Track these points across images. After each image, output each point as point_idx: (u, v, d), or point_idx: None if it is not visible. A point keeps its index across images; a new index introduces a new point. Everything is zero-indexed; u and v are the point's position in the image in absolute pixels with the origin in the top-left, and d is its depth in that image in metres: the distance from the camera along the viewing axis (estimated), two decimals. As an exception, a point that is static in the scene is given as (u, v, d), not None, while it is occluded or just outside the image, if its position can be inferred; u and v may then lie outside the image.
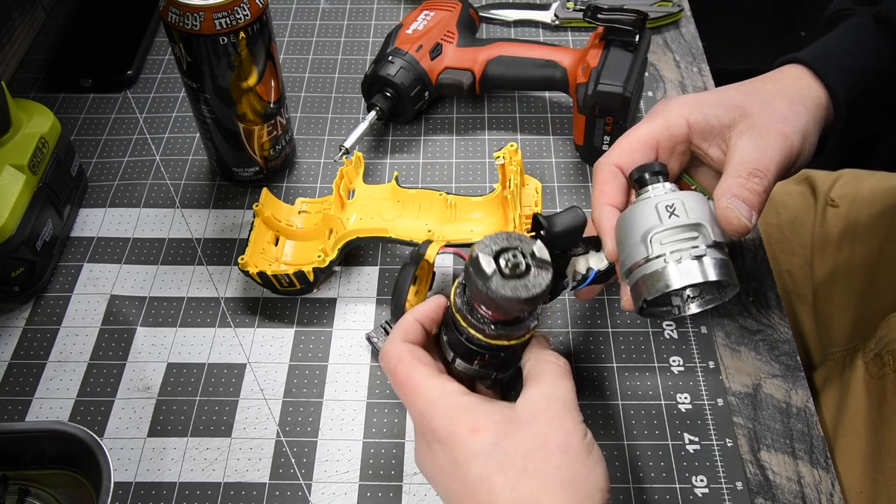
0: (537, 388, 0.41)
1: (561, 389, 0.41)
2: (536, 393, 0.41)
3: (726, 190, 0.45)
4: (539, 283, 0.40)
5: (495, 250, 0.41)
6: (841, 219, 0.72)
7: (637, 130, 0.49)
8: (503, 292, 0.39)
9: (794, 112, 0.47)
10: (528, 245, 0.41)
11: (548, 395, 0.41)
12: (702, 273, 0.43)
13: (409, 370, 0.42)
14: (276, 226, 0.61)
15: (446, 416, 0.40)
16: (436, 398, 0.41)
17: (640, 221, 0.44)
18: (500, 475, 0.38)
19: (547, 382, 0.41)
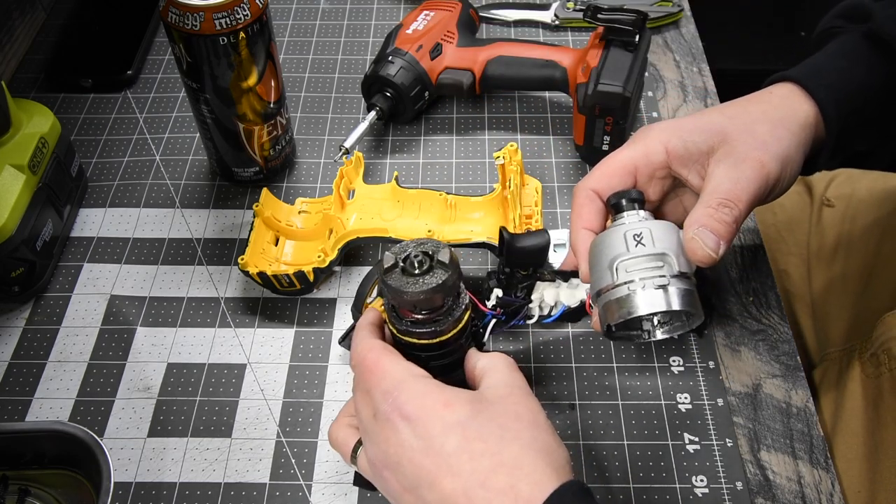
0: (494, 377, 0.42)
1: (517, 379, 0.42)
2: (495, 380, 0.42)
3: (695, 220, 0.45)
4: (429, 283, 0.44)
5: (408, 250, 0.45)
6: (837, 219, 0.72)
7: (616, 156, 0.50)
8: (392, 284, 0.44)
9: (776, 137, 0.47)
10: (439, 250, 0.45)
11: (507, 382, 0.42)
12: (665, 302, 0.44)
13: (378, 356, 0.42)
14: (276, 226, 0.61)
15: (417, 393, 0.40)
16: (405, 378, 0.40)
17: (608, 248, 0.46)
18: (479, 442, 0.37)
19: (503, 373, 0.42)
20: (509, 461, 0.37)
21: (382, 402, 0.40)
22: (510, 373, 0.43)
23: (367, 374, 0.42)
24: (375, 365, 0.41)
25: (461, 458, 0.37)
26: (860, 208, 0.72)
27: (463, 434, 0.38)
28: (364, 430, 0.41)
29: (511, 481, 0.36)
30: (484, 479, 0.36)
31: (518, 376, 0.43)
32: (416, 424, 0.38)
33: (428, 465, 0.38)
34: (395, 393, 0.40)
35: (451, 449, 0.37)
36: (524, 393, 0.41)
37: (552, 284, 0.53)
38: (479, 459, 0.37)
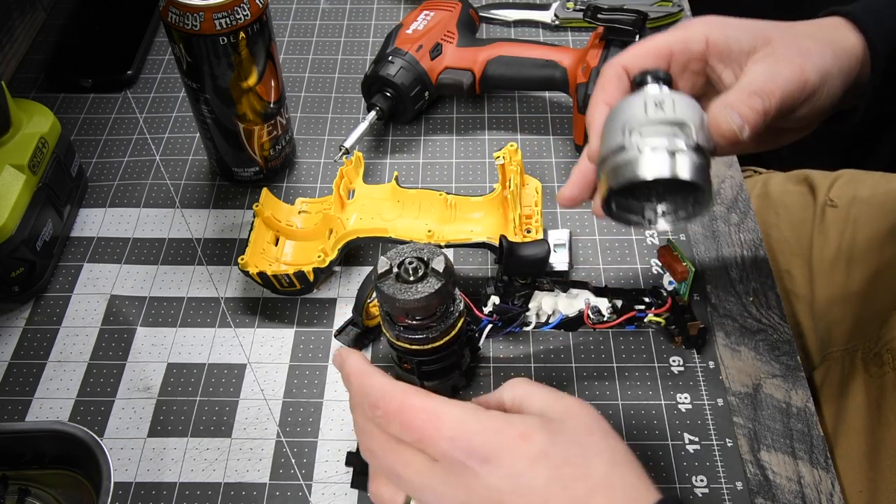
0: (537, 398, 0.39)
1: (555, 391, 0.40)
2: (542, 400, 0.39)
3: (723, 100, 0.43)
4: (422, 291, 0.45)
5: (403, 256, 0.46)
6: (840, 219, 0.72)
7: (653, 39, 0.47)
8: (385, 290, 0.45)
9: (819, 51, 0.45)
10: (434, 257, 0.46)
11: (551, 397, 0.39)
12: (673, 169, 0.39)
13: (422, 400, 0.37)
14: (276, 226, 0.61)
15: (488, 430, 0.36)
16: (467, 418, 0.36)
17: (625, 112, 0.42)
18: (567, 468, 0.35)
19: (539, 391, 0.40)
20: (601, 481, 0.35)
21: (451, 449, 0.36)
22: (543, 388, 0.40)
23: (413, 423, 0.37)
24: (423, 411, 0.37)
25: (554, 490, 0.35)
26: (863, 209, 0.72)
27: (549, 463, 0.35)
28: (421, 485, 0.37)
29: (608, 502, 0.35)
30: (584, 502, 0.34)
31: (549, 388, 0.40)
32: (496, 465, 0.35)
33: (521, 501, 0.35)
34: (465, 437, 0.36)
35: (542, 482, 0.35)
36: (576, 402, 0.39)
37: (550, 294, 0.53)
38: (573, 486, 0.35)
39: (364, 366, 0.40)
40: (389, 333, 0.49)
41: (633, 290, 0.54)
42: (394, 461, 0.38)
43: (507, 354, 0.57)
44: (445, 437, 0.36)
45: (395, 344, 0.50)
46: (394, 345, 0.50)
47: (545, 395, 0.39)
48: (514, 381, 0.41)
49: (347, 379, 0.41)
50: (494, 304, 0.52)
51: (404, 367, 0.52)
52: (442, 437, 0.36)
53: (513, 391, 0.40)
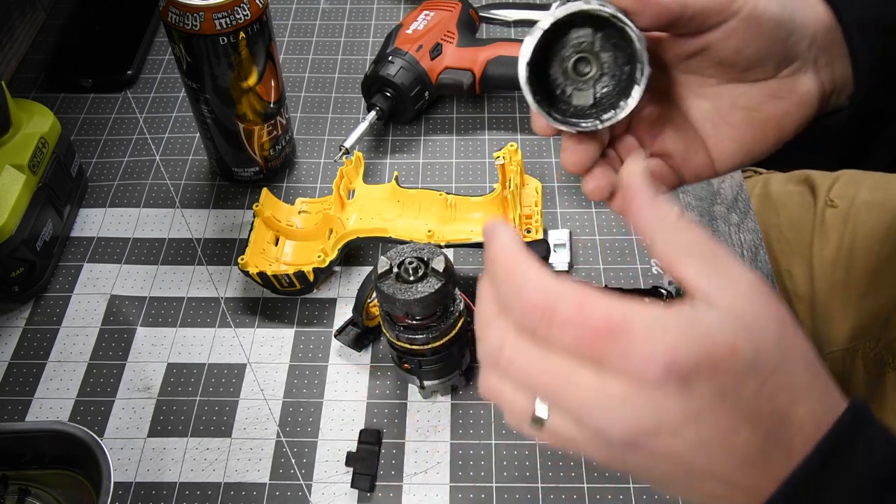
0: (715, 276, 0.32)
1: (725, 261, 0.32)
2: (730, 291, 0.31)
3: None
4: (422, 291, 0.44)
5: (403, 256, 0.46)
6: (840, 219, 0.72)
7: None
8: (385, 290, 0.45)
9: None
10: (434, 257, 0.46)
11: (734, 277, 0.32)
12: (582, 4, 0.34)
13: (604, 305, 0.30)
14: (276, 226, 0.61)
15: (693, 343, 0.30)
16: (663, 327, 0.30)
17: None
18: (774, 377, 0.30)
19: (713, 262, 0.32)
20: (802, 387, 0.31)
21: (647, 366, 0.30)
22: (718, 252, 0.32)
23: (592, 334, 0.30)
24: (608, 320, 0.30)
25: (761, 403, 0.30)
26: (863, 209, 0.72)
27: (757, 376, 0.30)
28: (592, 405, 0.30)
29: (811, 407, 0.31)
30: (786, 415, 0.31)
31: (723, 250, 0.32)
32: (704, 384, 0.30)
33: (723, 424, 0.30)
34: (668, 354, 0.29)
35: (749, 396, 0.30)
36: (762, 282, 0.32)
37: None
38: (779, 397, 0.31)
39: (516, 248, 0.32)
40: (389, 333, 0.49)
41: (633, 290, 0.54)
42: (545, 376, 0.31)
43: (507, 354, 0.56)
44: (642, 354, 0.30)
45: (395, 344, 0.50)
46: (394, 345, 0.50)
47: (725, 278, 0.31)
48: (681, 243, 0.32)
49: (493, 260, 0.33)
50: None
51: (404, 367, 0.52)
52: (637, 353, 0.30)
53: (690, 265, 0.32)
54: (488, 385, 0.33)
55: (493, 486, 0.50)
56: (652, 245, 0.33)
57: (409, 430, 0.53)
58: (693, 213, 0.65)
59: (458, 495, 0.50)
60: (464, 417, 0.53)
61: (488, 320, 0.33)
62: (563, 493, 0.50)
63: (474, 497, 0.50)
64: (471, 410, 0.54)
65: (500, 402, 0.33)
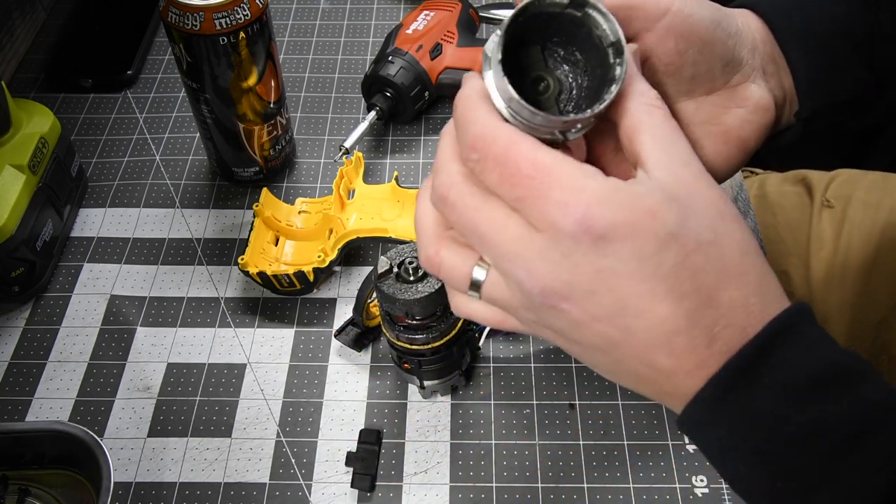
0: (664, 150, 0.31)
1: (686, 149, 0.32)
2: (668, 165, 0.31)
3: None
4: (423, 290, 0.45)
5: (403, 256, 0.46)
6: (836, 220, 0.72)
7: None
8: (385, 290, 0.45)
9: None
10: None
11: (682, 157, 0.31)
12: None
13: (528, 148, 0.30)
14: (276, 226, 0.61)
15: (612, 201, 0.29)
16: (583, 180, 0.29)
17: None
18: (699, 254, 0.30)
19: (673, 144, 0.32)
20: (734, 270, 0.30)
21: (561, 216, 0.29)
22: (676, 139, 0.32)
23: (519, 176, 0.30)
24: (533, 164, 0.29)
25: (682, 277, 0.29)
26: (860, 209, 0.72)
27: (679, 247, 0.29)
28: (511, 254, 0.30)
29: (742, 294, 0.30)
30: (711, 296, 0.30)
31: (683, 141, 0.32)
32: (620, 244, 0.29)
33: (640, 291, 0.29)
34: (583, 206, 0.29)
35: (669, 268, 0.29)
36: (705, 179, 0.31)
37: None
38: (703, 274, 0.30)
39: (477, 96, 0.32)
40: (389, 333, 0.49)
41: None
42: (480, 219, 0.31)
43: (507, 354, 0.57)
44: (558, 202, 0.29)
45: (395, 344, 0.50)
46: (394, 345, 0.50)
47: (672, 158, 0.31)
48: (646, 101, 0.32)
49: (455, 106, 0.32)
50: None
51: (404, 366, 0.52)
52: (553, 201, 0.29)
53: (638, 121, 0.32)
54: (427, 252, 0.33)
55: (493, 486, 0.50)
56: (622, 114, 0.32)
57: (409, 430, 0.53)
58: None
59: (458, 495, 0.50)
60: (464, 417, 0.53)
61: (440, 164, 0.33)
62: (563, 493, 0.50)
63: (474, 497, 0.50)
64: (471, 410, 0.54)
65: (440, 268, 0.33)
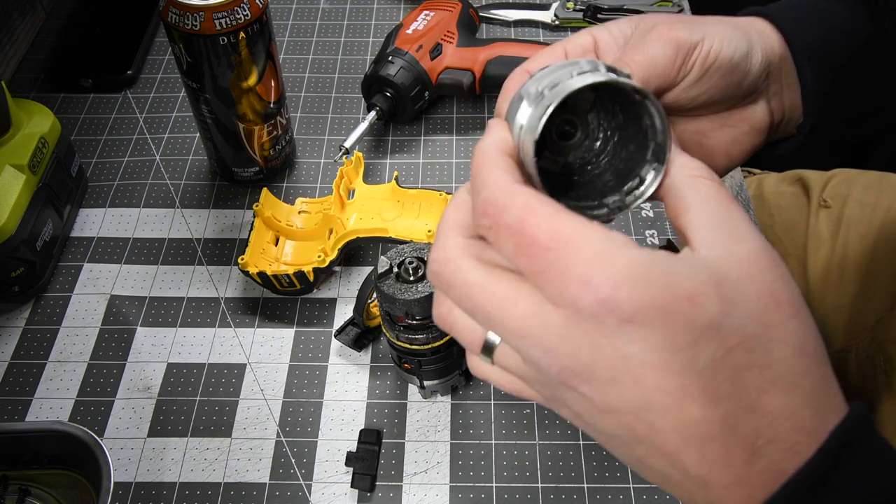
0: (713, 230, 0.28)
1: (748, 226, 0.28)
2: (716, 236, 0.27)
3: None
4: (422, 290, 0.45)
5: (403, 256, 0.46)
6: (834, 220, 0.72)
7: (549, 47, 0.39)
8: (385, 290, 0.45)
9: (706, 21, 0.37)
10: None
11: (743, 234, 0.28)
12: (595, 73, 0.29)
13: (555, 218, 0.27)
14: (276, 226, 0.61)
15: (642, 279, 0.26)
16: (612, 253, 0.26)
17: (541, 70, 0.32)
18: (741, 350, 0.26)
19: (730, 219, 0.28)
20: (783, 375, 0.26)
21: (582, 294, 0.26)
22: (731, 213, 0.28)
23: (537, 248, 0.27)
24: (552, 235, 0.26)
25: (719, 376, 0.26)
26: (857, 209, 0.72)
27: (718, 341, 0.26)
28: (525, 333, 0.27)
29: (791, 403, 0.26)
30: (753, 402, 0.26)
31: (740, 214, 0.28)
32: (649, 331, 0.25)
33: (669, 386, 0.26)
34: (607, 284, 0.25)
35: (705, 363, 0.26)
36: (763, 249, 0.27)
37: None
38: (745, 376, 0.26)
39: (496, 151, 0.30)
40: (389, 333, 0.49)
41: None
42: (483, 297, 0.28)
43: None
44: (579, 278, 0.26)
45: (396, 344, 0.50)
46: (394, 345, 0.50)
47: (725, 235, 0.27)
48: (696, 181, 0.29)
49: (473, 154, 0.30)
50: None
51: (404, 366, 0.52)
52: (574, 277, 0.26)
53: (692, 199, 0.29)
54: (440, 310, 0.31)
55: (493, 486, 0.50)
56: (667, 189, 0.30)
57: (409, 430, 0.53)
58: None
59: (458, 495, 0.50)
60: (464, 417, 0.53)
61: (437, 234, 0.30)
62: (563, 493, 0.50)
63: (474, 497, 0.50)
64: (471, 410, 0.54)
65: (452, 328, 0.30)
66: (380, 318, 0.51)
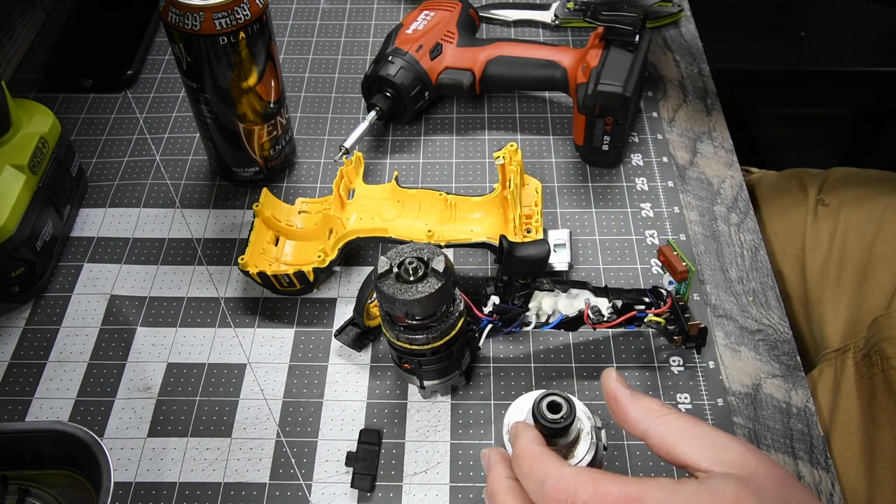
0: (705, 450, 0.35)
1: (710, 436, 0.35)
2: (712, 453, 0.34)
3: None
4: (422, 291, 0.44)
5: (403, 256, 0.46)
6: (831, 218, 0.72)
7: None
8: (385, 290, 0.44)
9: None
10: (435, 257, 0.46)
11: (720, 444, 0.35)
12: None
13: (623, 481, 0.33)
14: (276, 226, 0.61)
15: (704, 498, 0.32)
16: (680, 490, 0.32)
17: None
18: None
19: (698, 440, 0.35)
20: None
21: None
22: (702, 430, 0.36)
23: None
24: (628, 495, 0.33)
25: None
26: (854, 207, 0.71)
27: None
28: None
29: None
30: None
31: (707, 428, 0.36)
32: None
33: None
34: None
35: None
36: (751, 447, 0.35)
37: (550, 294, 0.53)
38: None
39: (540, 447, 0.37)
40: (389, 333, 0.49)
41: (633, 290, 0.54)
42: None
43: (507, 354, 0.57)
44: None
45: (395, 344, 0.50)
46: (394, 345, 0.50)
47: (714, 450, 0.35)
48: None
49: (517, 456, 0.37)
50: (494, 304, 0.52)
51: (404, 367, 0.52)
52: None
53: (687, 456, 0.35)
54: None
55: (493, 486, 0.50)
56: (645, 435, 0.36)
57: (409, 430, 0.53)
58: (693, 212, 0.65)
59: (458, 495, 0.50)
60: (464, 417, 0.53)
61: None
62: (563, 493, 0.50)
63: (474, 497, 0.50)
64: (471, 410, 0.54)
65: None
66: (380, 318, 0.51)
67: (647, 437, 0.36)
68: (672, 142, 0.70)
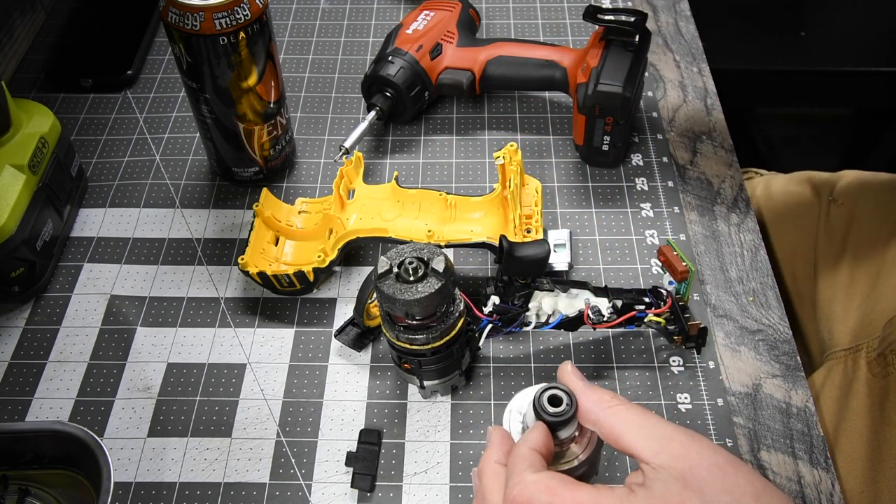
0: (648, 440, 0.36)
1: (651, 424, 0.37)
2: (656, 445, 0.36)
3: None
4: (422, 291, 0.44)
5: (403, 256, 0.46)
6: (845, 217, 0.72)
7: None
8: (385, 290, 0.45)
9: None
10: (434, 257, 0.46)
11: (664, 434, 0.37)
12: None
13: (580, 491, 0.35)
14: (276, 226, 0.61)
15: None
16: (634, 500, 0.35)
17: None
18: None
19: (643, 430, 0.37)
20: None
21: None
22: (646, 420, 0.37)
23: None
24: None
25: None
26: (868, 208, 0.71)
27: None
28: None
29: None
30: None
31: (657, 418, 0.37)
32: None
33: None
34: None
35: None
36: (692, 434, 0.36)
37: (550, 294, 0.54)
38: None
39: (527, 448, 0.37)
40: (389, 333, 0.49)
41: (633, 290, 0.54)
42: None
43: (507, 354, 0.57)
44: None
45: (395, 344, 0.50)
46: (394, 345, 0.50)
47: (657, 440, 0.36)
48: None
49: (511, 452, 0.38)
50: (494, 304, 0.52)
51: (404, 366, 0.52)
52: None
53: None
54: None
55: (493, 486, 0.50)
56: (596, 425, 0.38)
57: (409, 430, 0.53)
58: (693, 212, 0.65)
59: (458, 495, 0.50)
60: (464, 417, 0.53)
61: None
62: (563, 493, 0.50)
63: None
64: (471, 410, 0.54)
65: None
66: (380, 318, 0.51)
67: (597, 426, 0.38)
68: (672, 142, 0.70)
